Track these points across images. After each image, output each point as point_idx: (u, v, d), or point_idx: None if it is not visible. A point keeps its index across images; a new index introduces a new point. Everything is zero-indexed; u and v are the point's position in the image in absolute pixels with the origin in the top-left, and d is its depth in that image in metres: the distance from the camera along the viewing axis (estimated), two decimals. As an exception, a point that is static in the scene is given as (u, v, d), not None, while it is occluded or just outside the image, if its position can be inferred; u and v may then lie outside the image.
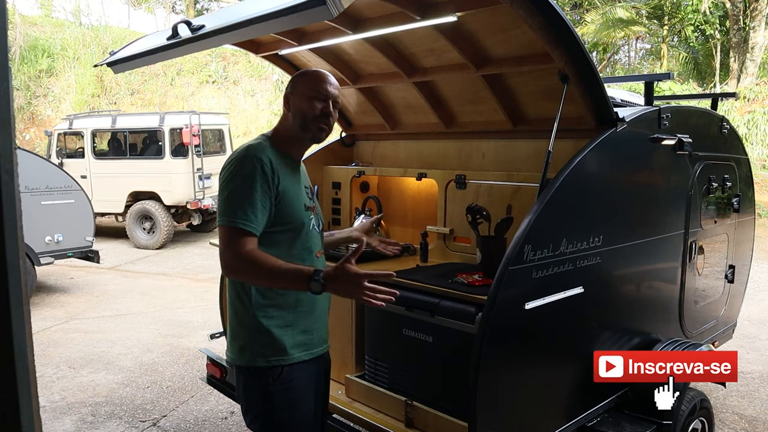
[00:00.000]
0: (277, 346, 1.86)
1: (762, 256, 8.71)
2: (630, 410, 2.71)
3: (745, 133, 13.12)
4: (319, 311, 1.97)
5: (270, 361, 1.85)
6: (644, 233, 2.75)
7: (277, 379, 1.86)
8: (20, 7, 23.12)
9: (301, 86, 1.95)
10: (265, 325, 1.85)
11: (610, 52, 20.65)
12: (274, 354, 1.86)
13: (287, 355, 1.87)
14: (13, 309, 0.69)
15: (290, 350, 1.87)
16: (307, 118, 1.92)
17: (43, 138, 14.69)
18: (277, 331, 1.86)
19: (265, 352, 1.86)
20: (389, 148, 3.84)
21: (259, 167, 1.79)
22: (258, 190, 1.78)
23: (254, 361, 1.87)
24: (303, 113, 1.92)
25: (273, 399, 1.87)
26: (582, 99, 2.46)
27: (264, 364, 1.86)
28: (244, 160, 1.81)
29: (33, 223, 6.32)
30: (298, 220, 1.90)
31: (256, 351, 1.86)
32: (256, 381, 1.88)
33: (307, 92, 1.93)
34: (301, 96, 1.94)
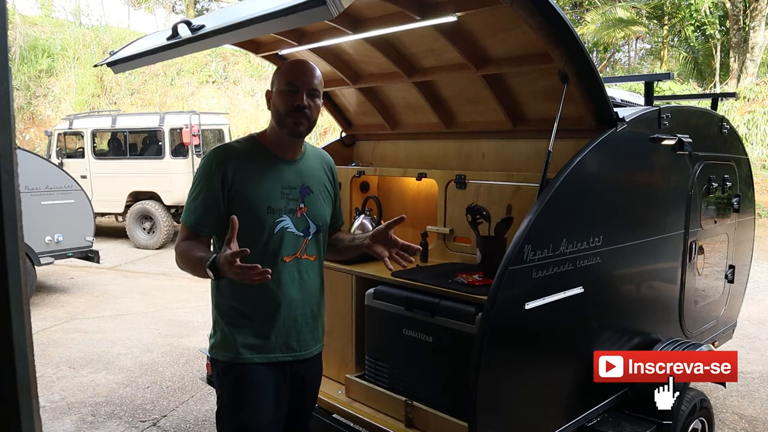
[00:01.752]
0: (229, 343, 1.90)
1: (762, 256, 8.71)
2: (630, 410, 2.71)
3: (745, 133, 13.12)
4: (283, 319, 1.89)
5: (223, 356, 1.91)
6: (644, 233, 2.75)
7: (226, 374, 1.91)
8: (20, 7, 23.12)
9: (276, 80, 1.90)
10: (224, 322, 1.92)
11: (610, 51, 20.65)
12: (225, 349, 1.91)
13: (238, 354, 1.88)
14: (13, 309, 0.69)
15: (241, 349, 1.88)
16: (281, 114, 1.86)
17: (43, 138, 14.69)
18: (230, 329, 1.90)
19: (220, 346, 1.92)
20: (389, 148, 3.84)
21: (211, 167, 1.84)
22: (203, 189, 1.85)
23: (213, 351, 1.95)
24: (277, 109, 1.87)
25: (223, 391, 1.94)
26: (582, 99, 2.46)
27: (219, 357, 1.92)
28: (202, 162, 1.90)
29: (33, 223, 6.32)
30: (256, 223, 1.83)
31: (216, 343, 1.94)
32: (215, 370, 1.96)
33: (280, 85, 1.87)
34: (276, 91, 1.89)
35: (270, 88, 1.94)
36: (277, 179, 1.88)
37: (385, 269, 2.80)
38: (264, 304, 1.88)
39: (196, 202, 1.87)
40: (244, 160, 1.87)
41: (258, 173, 1.86)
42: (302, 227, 1.91)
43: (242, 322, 1.89)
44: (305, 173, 1.95)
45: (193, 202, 1.87)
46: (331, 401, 2.78)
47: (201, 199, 1.85)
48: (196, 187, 1.88)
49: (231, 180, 1.83)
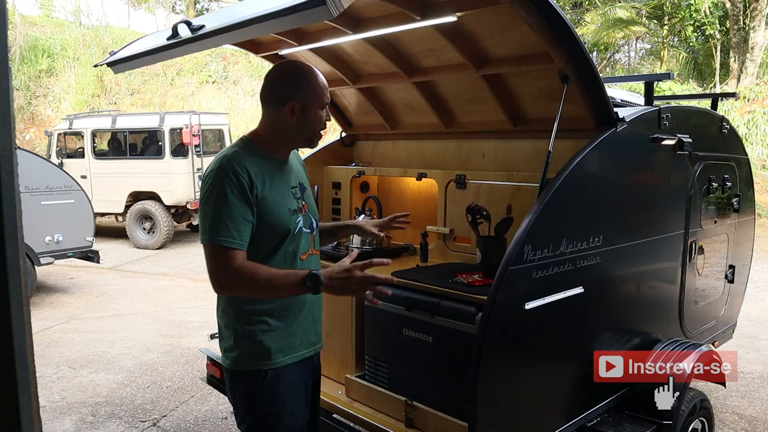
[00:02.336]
0: (261, 351, 1.83)
1: (762, 256, 8.71)
2: (630, 410, 2.71)
3: (745, 133, 13.12)
4: (305, 315, 1.92)
5: (254, 365, 1.83)
6: (644, 233, 2.75)
7: (261, 383, 1.83)
8: (20, 7, 23.14)
9: (312, 96, 1.83)
10: (249, 330, 1.82)
11: (610, 51, 20.65)
12: (258, 358, 1.83)
13: (271, 360, 1.83)
14: (13, 309, 0.69)
15: (274, 354, 1.84)
16: (317, 131, 1.87)
17: (43, 138, 14.69)
18: (261, 336, 1.83)
19: (250, 356, 1.83)
20: (389, 148, 3.84)
21: (232, 178, 1.72)
22: (236, 203, 1.71)
23: (239, 364, 1.84)
24: (312, 126, 1.85)
25: (258, 403, 1.85)
26: (582, 99, 2.46)
27: (248, 368, 1.83)
28: (218, 174, 1.73)
29: (33, 223, 6.33)
30: (283, 227, 1.83)
31: (241, 355, 1.84)
32: (241, 384, 1.86)
33: (318, 103, 1.84)
34: (312, 107, 1.83)
35: (293, 96, 1.81)
36: (285, 181, 1.89)
37: (385, 269, 2.81)
38: (290, 304, 1.87)
39: (228, 216, 1.70)
40: (256, 166, 1.79)
41: (270, 178, 1.82)
42: (308, 224, 1.94)
43: (269, 327, 1.84)
44: (295, 171, 1.98)
45: (226, 217, 1.70)
46: (331, 401, 2.78)
47: (233, 211, 1.71)
48: (222, 200, 1.71)
49: (255, 188, 1.76)
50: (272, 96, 1.85)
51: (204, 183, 1.79)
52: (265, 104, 1.88)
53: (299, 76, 1.84)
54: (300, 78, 1.84)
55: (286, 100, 1.82)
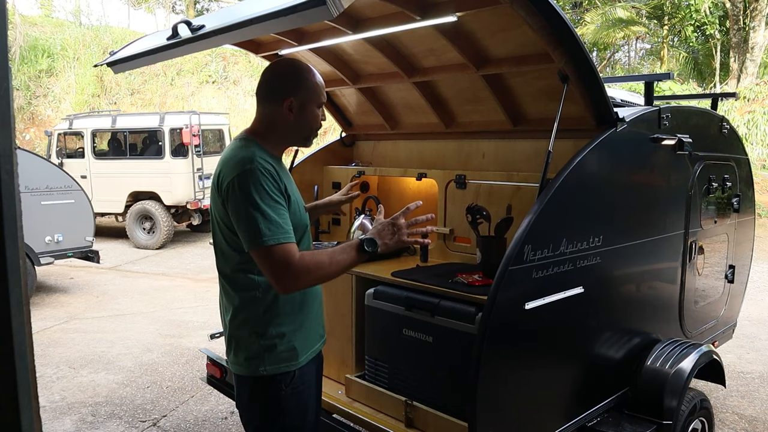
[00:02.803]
0: (290, 352, 1.81)
1: (762, 256, 8.71)
2: (630, 410, 2.71)
3: (745, 133, 13.12)
4: (315, 308, 1.93)
5: (282, 368, 1.80)
6: (644, 233, 2.75)
7: (289, 385, 1.81)
8: (20, 7, 23.15)
9: (310, 93, 1.82)
10: (279, 332, 1.80)
11: (610, 51, 20.65)
12: (286, 360, 1.81)
13: (297, 360, 1.82)
14: (13, 309, 0.69)
15: (300, 354, 1.83)
16: (313, 130, 1.87)
17: (43, 138, 14.70)
18: (290, 336, 1.81)
19: (278, 360, 1.80)
20: (389, 148, 3.84)
21: (266, 176, 1.70)
22: (276, 199, 1.70)
23: (265, 370, 1.80)
24: (310, 124, 1.85)
25: (286, 405, 1.82)
26: (582, 99, 2.46)
27: (276, 372, 1.80)
28: (252, 176, 1.69)
29: (33, 223, 6.33)
30: (303, 223, 1.85)
31: (269, 359, 1.80)
32: (267, 389, 1.82)
33: (316, 101, 1.84)
34: (310, 105, 1.83)
35: (291, 94, 1.81)
36: (292, 179, 1.91)
37: (385, 269, 2.82)
38: (308, 299, 1.88)
39: (279, 215, 1.69)
40: (275, 164, 1.79)
41: (286, 176, 1.83)
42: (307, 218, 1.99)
43: (296, 326, 1.83)
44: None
45: (278, 217, 1.68)
46: (331, 401, 2.78)
47: (280, 210, 1.70)
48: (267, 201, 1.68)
49: (284, 185, 1.76)
50: (270, 93, 1.84)
51: (238, 188, 1.70)
52: (263, 101, 1.86)
53: (297, 73, 1.84)
54: (298, 75, 1.83)
55: (284, 98, 1.81)
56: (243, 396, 1.89)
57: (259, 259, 1.68)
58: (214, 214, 1.86)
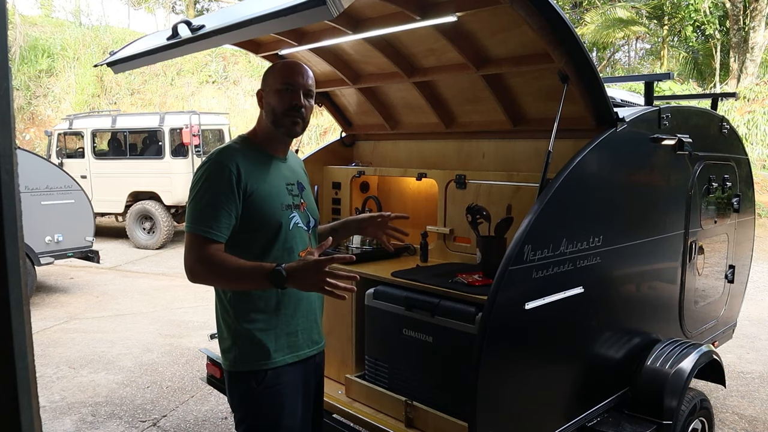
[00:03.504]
0: (260, 350, 1.83)
1: (762, 256, 8.71)
2: (630, 410, 2.71)
3: (745, 133, 13.12)
4: (304, 312, 1.92)
5: (253, 365, 1.83)
6: (644, 233, 2.75)
7: (261, 383, 1.83)
8: (20, 7, 23.14)
9: (270, 80, 1.90)
10: (247, 329, 1.83)
11: (610, 51, 20.65)
12: (257, 358, 1.83)
13: (270, 359, 1.83)
14: (13, 309, 0.69)
15: (273, 354, 1.84)
16: (277, 113, 1.88)
17: (43, 138, 14.69)
18: (260, 335, 1.83)
19: (249, 356, 1.83)
20: (389, 148, 3.84)
21: (223, 173, 1.76)
22: (221, 196, 1.75)
23: (238, 365, 1.85)
24: (273, 108, 1.88)
25: (257, 403, 1.85)
26: (582, 99, 2.46)
27: (248, 368, 1.84)
28: (209, 167, 1.79)
29: (33, 223, 6.33)
30: (274, 220, 1.85)
31: (240, 355, 1.84)
32: (240, 384, 1.86)
33: (276, 85, 1.88)
34: (270, 90, 1.89)
35: (261, 87, 1.93)
36: (280, 176, 1.92)
37: (384, 269, 2.82)
38: (288, 301, 1.88)
39: (210, 207, 1.74)
40: (248, 159, 1.84)
41: (264, 172, 1.86)
42: (305, 222, 1.97)
43: (268, 325, 1.85)
44: (294, 170, 2.03)
45: (208, 208, 1.74)
46: (331, 401, 2.78)
47: (216, 203, 1.74)
48: (207, 192, 1.76)
49: (244, 180, 1.79)
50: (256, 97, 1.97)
51: (195, 174, 1.84)
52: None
53: (268, 69, 1.96)
54: (268, 70, 1.95)
55: (259, 94, 1.94)
56: (226, 387, 1.96)
57: (185, 242, 1.78)
58: None
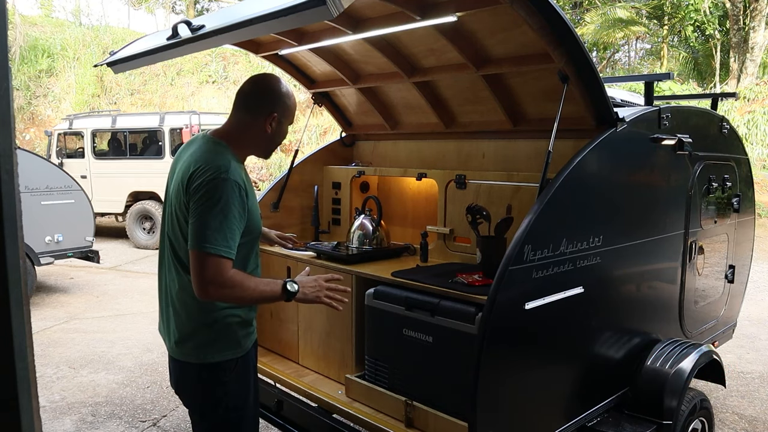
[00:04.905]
0: (235, 342, 1.99)
1: (762, 256, 8.71)
2: (630, 410, 2.71)
3: (745, 133, 13.12)
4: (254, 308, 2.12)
5: (226, 355, 1.97)
6: (644, 233, 2.75)
7: (233, 370, 1.98)
8: (20, 7, 23.14)
9: (288, 113, 2.02)
10: (226, 323, 1.96)
11: (610, 51, 20.65)
12: (231, 348, 1.98)
13: (241, 348, 2.00)
14: (13, 309, 0.69)
15: (242, 342, 2.01)
16: (276, 144, 2.06)
17: (43, 138, 14.69)
18: (235, 328, 1.98)
19: (223, 348, 1.96)
20: (389, 148, 3.84)
21: (236, 191, 1.80)
22: (236, 215, 1.80)
23: (211, 357, 1.95)
24: (280, 140, 2.05)
25: (230, 389, 1.99)
26: (582, 99, 2.46)
27: (221, 359, 1.96)
28: (224, 186, 1.79)
29: (33, 223, 6.33)
30: (258, 229, 2.00)
31: (215, 348, 1.95)
32: (212, 375, 1.97)
33: (289, 120, 2.04)
34: (284, 122, 2.02)
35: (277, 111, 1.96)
36: (252, 185, 2.00)
37: (384, 269, 2.82)
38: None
39: (228, 227, 1.78)
40: (243, 173, 1.92)
41: (249, 183, 1.93)
42: None
43: (242, 318, 2.00)
44: None
45: (226, 228, 1.78)
46: (331, 401, 2.78)
47: (232, 223, 1.79)
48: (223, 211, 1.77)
49: (247, 197, 1.87)
50: (257, 103, 1.97)
51: (202, 189, 1.79)
52: (245, 109, 1.98)
53: (285, 94, 2.01)
54: (285, 96, 2.00)
55: (271, 112, 1.96)
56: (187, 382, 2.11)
57: (195, 261, 1.79)
58: (174, 209, 1.95)
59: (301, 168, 3.71)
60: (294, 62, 3.51)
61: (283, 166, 11.70)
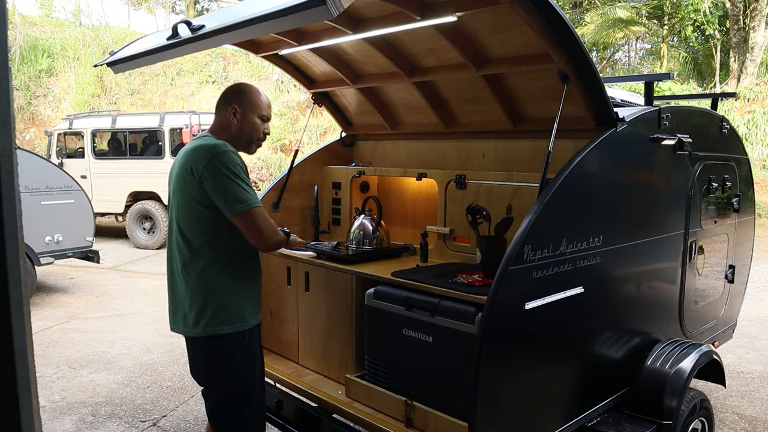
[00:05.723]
0: (242, 314, 2.21)
1: (762, 256, 8.71)
2: (630, 410, 2.71)
3: (745, 133, 13.12)
4: (259, 283, 2.37)
5: (235, 328, 2.20)
6: (644, 233, 2.75)
7: (242, 342, 2.22)
8: (20, 7, 23.13)
9: (251, 105, 2.27)
10: (226, 297, 2.18)
11: (610, 51, 20.65)
12: (239, 321, 2.21)
13: (247, 322, 2.23)
14: (13, 309, 0.69)
15: (247, 317, 2.24)
16: (253, 138, 2.31)
17: (43, 138, 14.69)
18: (234, 302, 2.20)
19: (233, 320, 2.19)
20: (389, 148, 3.84)
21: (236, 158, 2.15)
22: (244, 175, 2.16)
23: (220, 329, 2.17)
24: (250, 132, 2.29)
25: (239, 359, 2.23)
26: (582, 99, 2.46)
27: (231, 331, 2.19)
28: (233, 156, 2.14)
29: (33, 223, 6.32)
30: None
31: (222, 320, 2.17)
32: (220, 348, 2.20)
33: (257, 112, 2.28)
34: (251, 114, 2.27)
35: (237, 103, 2.25)
36: None
37: (384, 269, 2.82)
38: (256, 273, 2.34)
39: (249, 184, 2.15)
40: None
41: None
42: None
43: (244, 293, 2.23)
44: None
45: (249, 185, 2.14)
46: (331, 401, 2.78)
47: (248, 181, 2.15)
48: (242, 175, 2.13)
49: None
50: (222, 103, 2.31)
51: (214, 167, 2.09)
52: (217, 111, 2.33)
53: (243, 89, 2.32)
54: (243, 90, 2.30)
55: (231, 105, 2.26)
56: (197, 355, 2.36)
57: (241, 221, 2.11)
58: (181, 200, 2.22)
59: (301, 168, 3.71)
60: (294, 62, 3.51)
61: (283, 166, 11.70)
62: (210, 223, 2.17)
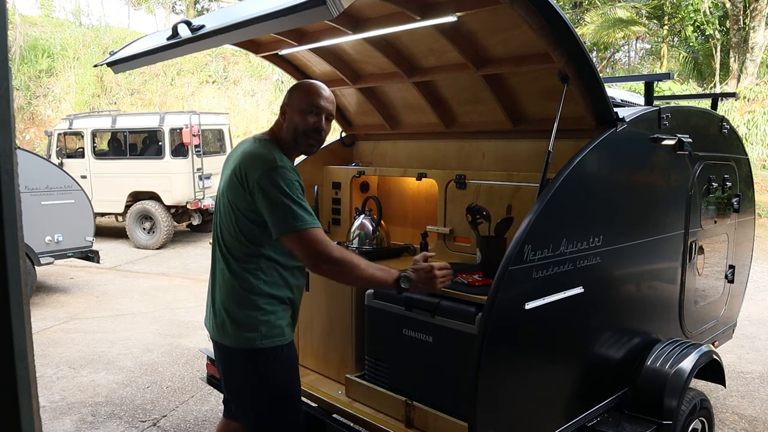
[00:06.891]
0: (279, 328, 2.06)
1: (762, 256, 8.71)
2: (630, 410, 2.71)
3: (745, 133, 13.12)
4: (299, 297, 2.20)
5: (274, 342, 2.05)
6: (644, 233, 2.75)
7: (279, 357, 2.07)
8: (20, 7, 23.13)
9: (296, 99, 2.08)
10: (270, 309, 2.04)
11: (610, 51, 20.65)
12: (277, 335, 2.06)
13: (284, 336, 2.08)
14: (13, 309, 0.69)
15: (285, 330, 2.09)
16: (299, 132, 2.07)
17: (43, 138, 14.70)
18: (281, 314, 2.07)
19: (270, 334, 2.04)
20: (389, 148, 3.84)
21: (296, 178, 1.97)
22: (299, 193, 1.95)
23: (258, 343, 2.03)
24: (295, 126, 2.06)
25: (278, 375, 2.09)
26: (582, 99, 2.46)
27: (269, 345, 2.04)
28: (290, 174, 1.95)
29: (33, 223, 6.32)
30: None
31: (261, 333, 2.03)
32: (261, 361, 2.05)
33: (302, 105, 2.07)
34: (295, 109, 2.07)
35: (286, 102, 2.10)
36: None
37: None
38: (299, 290, 2.17)
39: (304, 202, 1.95)
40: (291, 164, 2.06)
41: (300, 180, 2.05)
42: None
43: (283, 308, 2.08)
44: None
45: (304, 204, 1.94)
46: (331, 401, 2.78)
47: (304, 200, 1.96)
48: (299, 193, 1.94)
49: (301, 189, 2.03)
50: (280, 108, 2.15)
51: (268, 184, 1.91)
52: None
53: (295, 87, 2.16)
54: (295, 88, 2.15)
55: (283, 108, 2.12)
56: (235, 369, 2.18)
57: (293, 243, 1.92)
58: (228, 200, 2.04)
59: (301, 168, 3.69)
60: (294, 62, 3.50)
61: (283, 166, 11.67)
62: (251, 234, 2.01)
